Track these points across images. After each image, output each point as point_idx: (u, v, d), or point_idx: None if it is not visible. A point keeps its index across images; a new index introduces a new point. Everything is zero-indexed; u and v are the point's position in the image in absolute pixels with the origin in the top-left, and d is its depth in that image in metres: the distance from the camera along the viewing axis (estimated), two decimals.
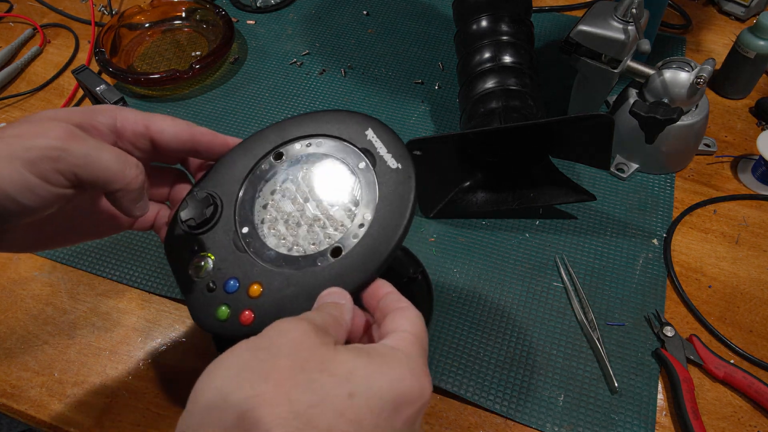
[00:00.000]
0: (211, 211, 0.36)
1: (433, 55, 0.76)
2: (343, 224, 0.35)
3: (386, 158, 0.35)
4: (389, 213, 0.33)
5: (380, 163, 0.35)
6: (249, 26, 0.81)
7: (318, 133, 0.37)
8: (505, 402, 0.46)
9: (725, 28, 0.78)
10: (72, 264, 0.56)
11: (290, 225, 0.36)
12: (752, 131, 0.66)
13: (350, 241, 0.34)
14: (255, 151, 0.38)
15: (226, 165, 0.37)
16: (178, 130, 0.35)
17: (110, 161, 0.29)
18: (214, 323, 0.34)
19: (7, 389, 0.48)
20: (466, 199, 0.58)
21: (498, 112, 0.55)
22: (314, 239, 0.35)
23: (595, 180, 0.61)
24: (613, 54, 0.56)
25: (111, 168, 0.29)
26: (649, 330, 0.50)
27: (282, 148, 0.38)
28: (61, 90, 0.74)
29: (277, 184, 0.37)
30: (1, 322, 0.52)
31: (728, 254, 0.55)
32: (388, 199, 0.34)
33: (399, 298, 0.31)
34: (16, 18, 0.84)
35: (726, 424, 0.45)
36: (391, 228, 0.33)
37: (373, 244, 0.33)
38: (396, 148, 0.35)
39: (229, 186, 0.37)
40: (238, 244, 0.35)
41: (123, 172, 0.29)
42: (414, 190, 0.34)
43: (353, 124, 0.37)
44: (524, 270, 0.54)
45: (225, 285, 0.34)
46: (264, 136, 0.38)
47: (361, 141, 0.36)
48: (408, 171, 0.34)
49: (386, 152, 0.35)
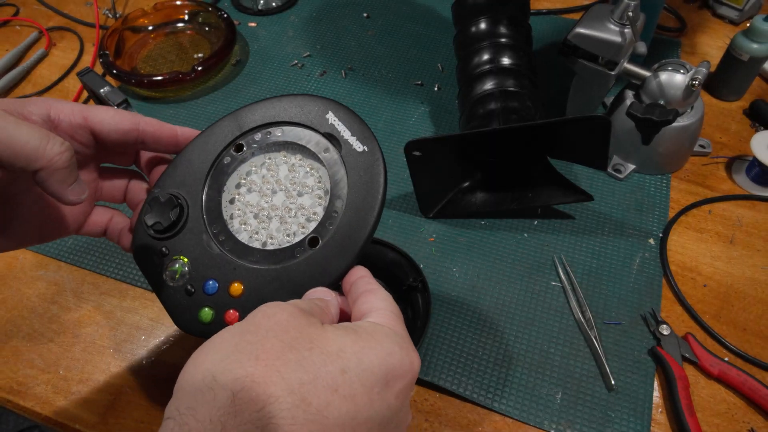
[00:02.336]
0: (177, 212, 0.34)
1: (432, 56, 0.76)
2: (316, 213, 0.34)
3: (351, 141, 0.34)
4: (361, 198, 0.33)
5: (345, 146, 0.34)
6: (251, 29, 0.82)
7: (277, 121, 0.36)
8: (503, 400, 0.47)
9: (719, 31, 0.79)
10: (77, 263, 0.57)
11: (261, 218, 0.35)
12: (746, 132, 0.66)
13: (326, 229, 0.33)
14: (214, 145, 0.36)
15: (185, 162, 0.35)
16: (119, 120, 0.33)
17: (30, 136, 0.27)
18: (199, 326, 0.33)
19: (13, 386, 0.49)
20: (465, 199, 0.59)
21: (497, 113, 0.56)
22: (288, 231, 0.34)
23: (592, 180, 0.62)
24: (610, 56, 0.56)
25: (30, 143, 0.27)
26: (645, 328, 0.51)
27: (242, 140, 0.36)
28: (66, 92, 0.75)
29: (241, 177, 0.36)
30: (8, 320, 0.53)
31: (723, 254, 0.56)
32: (359, 184, 0.33)
33: (370, 281, 0.31)
34: (22, 21, 0.85)
35: (720, 421, 0.46)
36: (364, 212, 0.32)
37: (348, 231, 0.32)
38: (360, 131, 0.34)
39: (192, 184, 0.35)
40: (211, 243, 0.34)
41: (44, 148, 0.27)
42: (383, 172, 0.33)
43: (313, 108, 0.35)
44: (523, 269, 0.55)
45: (204, 287, 0.33)
46: (221, 127, 0.36)
47: (323, 125, 0.35)
48: (375, 153, 0.34)
49: (350, 135, 0.34)
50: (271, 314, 0.26)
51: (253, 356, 0.23)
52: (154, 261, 0.34)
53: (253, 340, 0.24)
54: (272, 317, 0.26)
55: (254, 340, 0.24)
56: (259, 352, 0.24)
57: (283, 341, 0.24)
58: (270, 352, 0.24)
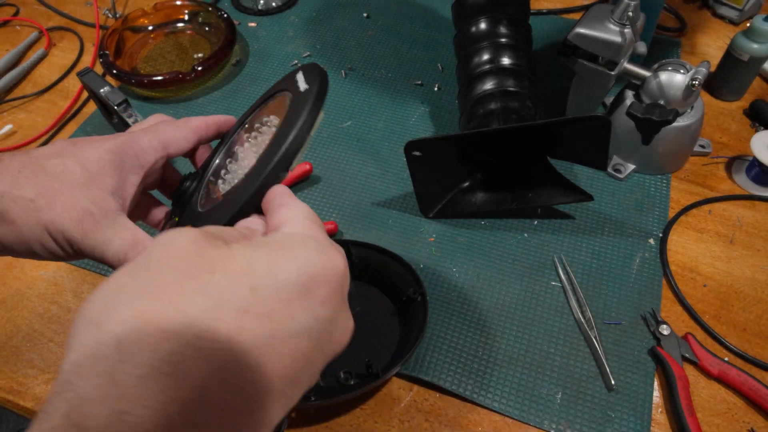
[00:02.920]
0: (189, 184, 0.37)
1: (432, 56, 0.76)
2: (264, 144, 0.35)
3: (300, 85, 0.35)
4: (288, 124, 0.33)
5: (294, 90, 0.35)
6: (251, 29, 0.82)
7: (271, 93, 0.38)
8: (503, 400, 0.47)
9: (719, 32, 0.79)
10: (76, 263, 0.57)
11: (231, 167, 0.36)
12: (746, 132, 0.66)
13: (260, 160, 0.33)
14: (232, 128, 0.39)
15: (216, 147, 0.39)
16: (186, 133, 0.36)
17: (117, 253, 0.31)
18: None
19: (13, 386, 0.49)
20: (465, 199, 0.59)
21: (497, 113, 0.56)
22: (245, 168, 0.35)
23: (592, 180, 0.62)
24: (610, 56, 0.56)
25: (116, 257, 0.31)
26: (645, 328, 0.51)
27: (247, 119, 0.39)
28: (66, 92, 0.75)
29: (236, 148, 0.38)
30: (7, 321, 0.53)
31: (723, 254, 0.56)
32: (291, 114, 0.33)
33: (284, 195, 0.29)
34: (22, 21, 0.85)
35: (720, 421, 0.46)
36: (286, 133, 0.32)
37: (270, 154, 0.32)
38: (311, 76, 0.35)
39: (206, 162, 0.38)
40: (199, 202, 0.35)
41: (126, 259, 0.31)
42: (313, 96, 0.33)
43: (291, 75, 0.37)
44: (523, 269, 0.55)
45: None
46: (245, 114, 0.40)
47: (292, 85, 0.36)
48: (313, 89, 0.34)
49: (303, 81, 0.35)
50: (166, 243, 0.23)
51: (144, 292, 0.20)
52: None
53: (144, 276, 0.21)
54: (167, 246, 0.22)
55: (145, 275, 0.21)
56: (150, 287, 0.21)
57: (180, 270, 0.21)
58: (164, 285, 0.21)
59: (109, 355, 0.19)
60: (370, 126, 0.68)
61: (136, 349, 0.19)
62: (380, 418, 0.47)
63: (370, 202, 0.61)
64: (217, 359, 0.20)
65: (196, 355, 0.19)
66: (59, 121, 0.71)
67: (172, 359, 0.19)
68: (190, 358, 0.19)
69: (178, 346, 0.19)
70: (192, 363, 0.19)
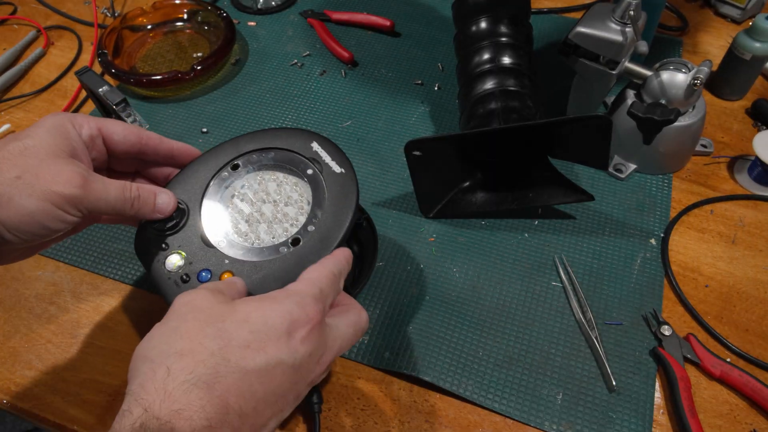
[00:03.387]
0: (179, 214, 0.40)
1: (432, 56, 0.76)
2: (298, 220, 0.41)
3: (331, 165, 0.41)
4: (337, 208, 0.39)
5: (326, 169, 0.41)
6: (250, 28, 0.82)
7: (270, 147, 0.43)
8: (504, 401, 0.47)
9: (721, 30, 0.78)
10: (75, 264, 0.57)
11: (251, 223, 0.41)
12: (748, 132, 0.66)
13: (306, 232, 0.39)
14: (215, 162, 0.43)
15: (188, 175, 0.42)
16: (128, 133, 0.40)
17: (116, 198, 0.36)
18: None
19: (11, 387, 0.49)
20: (465, 199, 0.59)
21: (497, 112, 0.56)
22: (273, 234, 0.40)
23: (593, 180, 0.61)
24: (611, 55, 0.56)
25: (118, 203, 0.36)
26: (646, 329, 0.50)
27: (238, 160, 0.43)
28: (64, 91, 0.75)
29: (236, 189, 0.42)
30: (6, 321, 0.53)
31: (725, 254, 0.56)
32: (335, 197, 0.40)
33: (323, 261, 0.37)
34: (20, 20, 0.84)
35: (722, 422, 0.46)
36: (339, 220, 0.39)
37: (325, 235, 0.39)
38: (339, 157, 0.41)
39: (194, 192, 0.41)
40: (206, 241, 0.40)
41: (128, 204, 0.37)
42: (356, 188, 0.40)
43: (300, 138, 0.43)
44: (523, 270, 0.55)
45: (198, 276, 0.39)
46: (221, 150, 0.43)
47: (308, 152, 0.42)
48: (350, 174, 0.41)
49: (331, 160, 0.41)
50: (187, 301, 0.32)
51: (178, 336, 0.30)
52: (152, 252, 0.40)
53: (175, 325, 0.31)
54: (188, 303, 0.32)
55: (177, 325, 0.31)
56: (182, 333, 0.30)
57: (200, 320, 0.31)
58: (191, 331, 0.30)
59: (162, 378, 0.28)
60: (370, 126, 0.68)
61: (179, 372, 0.28)
62: (380, 419, 0.46)
63: (370, 202, 0.60)
64: (231, 378, 0.29)
65: (216, 375, 0.29)
66: None
67: (203, 378, 0.28)
68: (213, 376, 0.28)
69: (205, 369, 0.29)
70: (215, 380, 0.28)
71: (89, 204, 0.35)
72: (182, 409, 0.27)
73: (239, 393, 0.29)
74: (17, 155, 0.34)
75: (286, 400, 0.31)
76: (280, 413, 0.31)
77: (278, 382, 0.30)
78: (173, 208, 0.39)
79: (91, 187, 0.34)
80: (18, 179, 0.33)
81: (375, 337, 0.50)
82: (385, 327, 0.51)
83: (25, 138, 0.35)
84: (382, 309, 0.52)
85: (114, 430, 0.28)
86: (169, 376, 0.28)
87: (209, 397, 0.28)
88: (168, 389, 0.27)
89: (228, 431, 0.28)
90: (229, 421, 0.28)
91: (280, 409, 0.31)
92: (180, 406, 0.27)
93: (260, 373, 0.30)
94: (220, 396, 0.28)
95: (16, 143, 0.34)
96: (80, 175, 0.34)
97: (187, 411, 0.27)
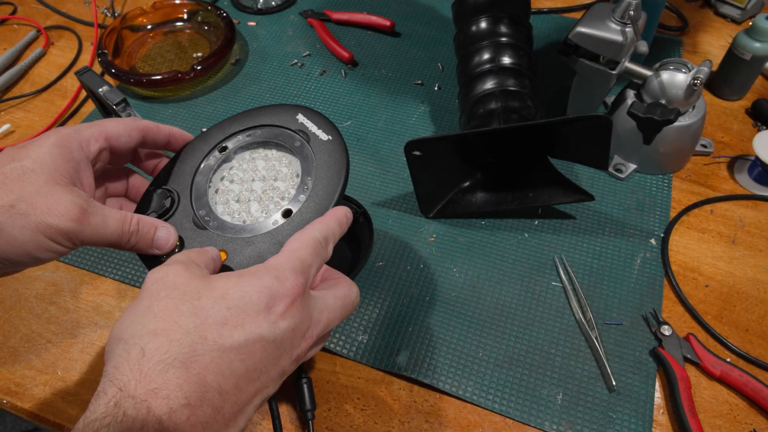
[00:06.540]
0: (169, 202, 0.40)
1: (432, 56, 0.76)
2: (289, 193, 0.40)
3: (318, 134, 0.40)
4: (328, 174, 0.38)
5: (313, 138, 0.40)
6: (250, 28, 0.82)
7: (255, 125, 0.42)
8: (504, 401, 0.47)
9: (721, 30, 0.78)
10: (75, 264, 0.57)
11: (242, 201, 0.40)
12: (748, 132, 0.66)
13: (297, 203, 0.38)
14: (201, 147, 0.42)
15: (177, 163, 0.42)
16: (131, 130, 0.39)
17: (114, 233, 0.34)
18: None
19: (11, 387, 0.49)
20: (465, 199, 0.59)
21: (497, 112, 0.56)
22: (265, 209, 0.40)
23: (593, 180, 0.61)
24: (611, 55, 0.56)
25: (114, 237, 0.34)
26: (646, 329, 0.50)
27: (226, 142, 0.42)
28: (64, 91, 0.75)
29: (225, 171, 0.42)
30: (6, 321, 0.53)
31: (725, 254, 0.56)
32: (325, 164, 0.39)
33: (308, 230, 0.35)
34: (20, 20, 0.84)
35: (722, 422, 0.46)
36: (331, 187, 0.38)
37: (317, 204, 0.38)
38: (325, 125, 0.40)
39: (183, 180, 0.41)
40: (198, 223, 0.39)
41: (125, 238, 0.35)
42: (345, 151, 0.39)
43: (285, 113, 0.42)
44: (523, 270, 0.55)
45: None
46: (209, 134, 0.43)
47: (294, 124, 0.41)
48: (338, 139, 0.39)
49: (317, 129, 0.40)
50: (159, 278, 0.31)
51: (152, 316, 0.29)
52: None
53: (148, 304, 0.30)
54: (161, 280, 0.31)
55: (150, 304, 0.30)
56: (156, 312, 0.29)
57: (174, 297, 0.30)
58: (165, 310, 0.29)
59: (137, 358, 0.27)
60: (370, 126, 0.68)
61: (154, 352, 0.27)
62: (380, 419, 0.46)
63: (370, 202, 0.60)
64: (208, 356, 0.28)
65: (193, 354, 0.28)
66: (57, 120, 0.71)
67: (179, 357, 0.27)
68: (190, 355, 0.28)
69: (181, 348, 0.28)
70: (191, 358, 0.28)
71: (84, 237, 0.33)
72: (158, 388, 0.26)
73: (218, 371, 0.28)
74: (14, 180, 0.32)
75: (270, 377, 0.31)
76: (264, 390, 0.31)
77: (259, 358, 0.30)
78: (172, 245, 0.37)
79: (88, 221, 0.33)
80: (12, 208, 0.31)
81: (375, 337, 0.50)
82: (385, 327, 0.51)
83: (25, 159, 0.33)
84: (382, 309, 0.52)
85: (88, 412, 0.27)
86: (144, 356, 0.27)
87: (186, 376, 0.27)
88: (143, 369, 0.27)
89: (208, 409, 0.27)
90: (208, 399, 0.27)
91: (263, 385, 0.30)
92: (156, 385, 0.26)
93: (239, 350, 0.29)
94: (198, 374, 0.27)
95: (15, 164, 0.33)
96: (78, 207, 0.33)
97: (164, 390, 0.26)
